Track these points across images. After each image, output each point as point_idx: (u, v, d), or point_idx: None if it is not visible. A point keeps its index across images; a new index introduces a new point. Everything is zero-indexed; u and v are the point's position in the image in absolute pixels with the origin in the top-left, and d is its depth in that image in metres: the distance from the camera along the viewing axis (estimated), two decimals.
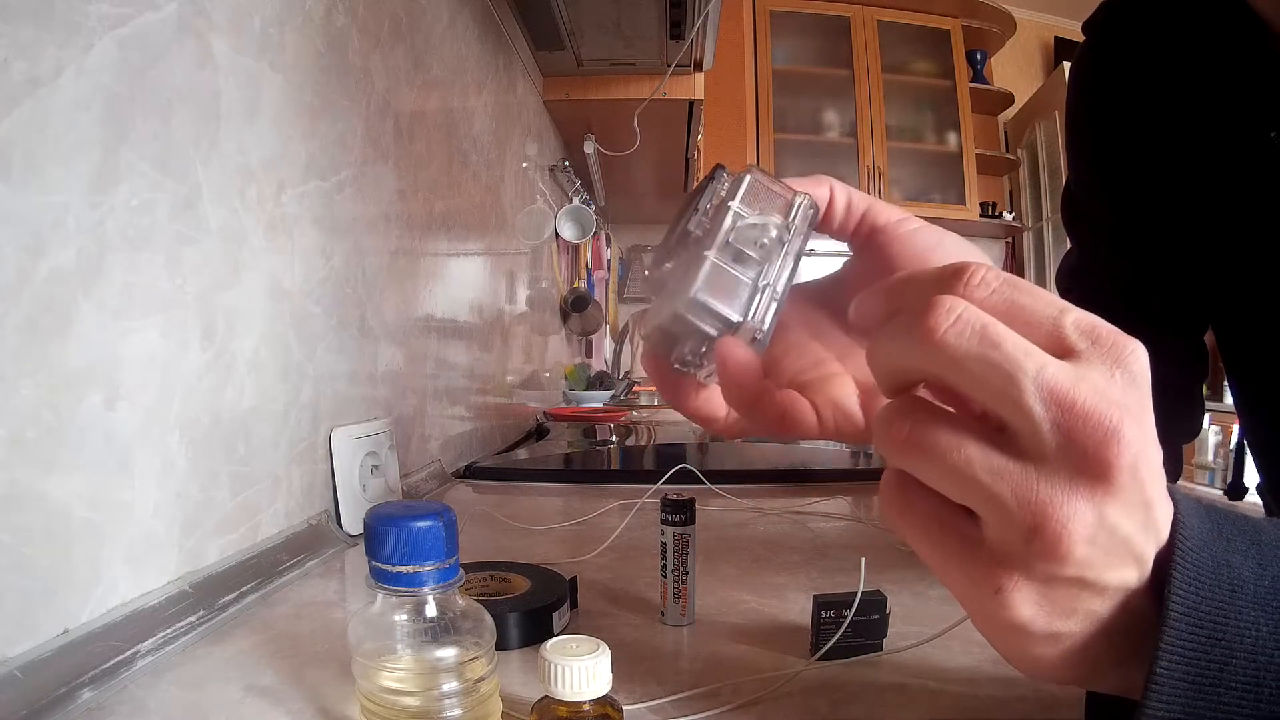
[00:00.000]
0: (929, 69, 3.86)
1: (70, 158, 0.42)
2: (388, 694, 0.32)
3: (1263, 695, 0.23)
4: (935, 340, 0.22)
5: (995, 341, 0.22)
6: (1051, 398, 0.22)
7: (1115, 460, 0.21)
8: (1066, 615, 0.24)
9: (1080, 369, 0.22)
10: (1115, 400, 0.22)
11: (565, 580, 0.52)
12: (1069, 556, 0.22)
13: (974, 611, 0.25)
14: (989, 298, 0.23)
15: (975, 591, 0.24)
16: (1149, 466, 0.22)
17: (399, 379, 0.90)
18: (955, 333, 0.22)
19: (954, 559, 0.24)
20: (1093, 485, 0.22)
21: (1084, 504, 0.22)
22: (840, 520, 0.82)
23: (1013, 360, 0.22)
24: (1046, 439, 0.22)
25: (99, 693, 0.40)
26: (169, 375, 0.50)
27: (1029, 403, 0.22)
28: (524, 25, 1.47)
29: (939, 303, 0.23)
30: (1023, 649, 0.25)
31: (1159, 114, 0.61)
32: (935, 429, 0.23)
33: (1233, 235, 0.59)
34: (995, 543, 0.23)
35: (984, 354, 0.22)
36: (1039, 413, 0.22)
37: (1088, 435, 0.21)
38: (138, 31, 0.47)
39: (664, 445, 1.47)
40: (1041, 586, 0.23)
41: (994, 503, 0.22)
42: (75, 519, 0.42)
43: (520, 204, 1.61)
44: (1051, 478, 0.22)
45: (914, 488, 0.25)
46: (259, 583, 0.56)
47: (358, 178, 0.78)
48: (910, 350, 0.23)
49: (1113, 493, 0.22)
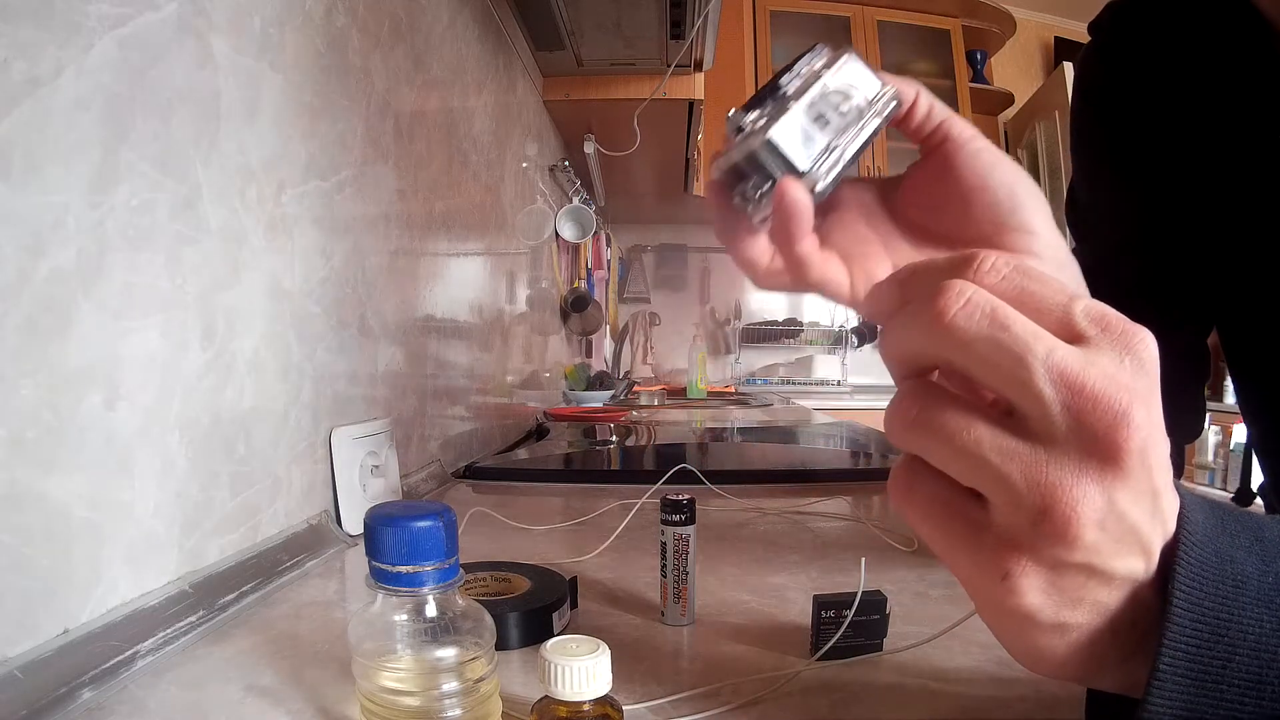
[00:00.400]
0: (929, 69, 3.86)
1: (70, 158, 0.42)
2: (388, 694, 0.32)
3: (1265, 693, 0.23)
4: (945, 323, 0.23)
5: (1005, 324, 0.22)
6: (1061, 380, 0.22)
7: (1125, 443, 0.21)
8: (1073, 605, 0.23)
9: (1090, 354, 0.22)
10: (1125, 384, 0.22)
11: (565, 580, 0.52)
12: (1078, 540, 0.22)
13: (981, 600, 0.25)
14: (999, 283, 0.23)
15: (983, 577, 0.24)
16: (1157, 454, 0.22)
17: (399, 379, 0.90)
18: (965, 315, 0.22)
19: (961, 543, 0.24)
20: (1102, 468, 0.22)
21: (1093, 487, 0.22)
22: (840, 520, 0.82)
23: (1022, 343, 0.22)
24: (1056, 421, 0.22)
25: (99, 693, 0.40)
26: (169, 375, 0.50)
27: (1039, 385, 0.22)
28: (524, 25, 1.47)
29: (949, 286, 0.23)
30: (1029, 640, 0.25)
31: (1164, 115, 0.61)
32: (944, 410, 0.23)
33: (1238, 236, 0.59)
34: (1003, 526, 0.23)
35: (993, 336, 0.22)
36: (1049, 395, 0.22)
37: (1098, 418, 0.21)
38: (138, 31, 0.47)
39: (664, 445, 1.48)
40: (1049, 573, 0.23)
41: (1003, 484, 0.22)
42: (75, 519, 0.42)
43: (520, 204, 1.61)
44: (1061, 460, 0.22)
45: (922, 473, 0.25)
46: (259, 583, 0.56)
47: (358, 178, 0.78)
48: (921, 335, 0.24)
49: (1121, 477, 0.22)
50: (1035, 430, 0.22)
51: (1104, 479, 0.22)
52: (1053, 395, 0.22)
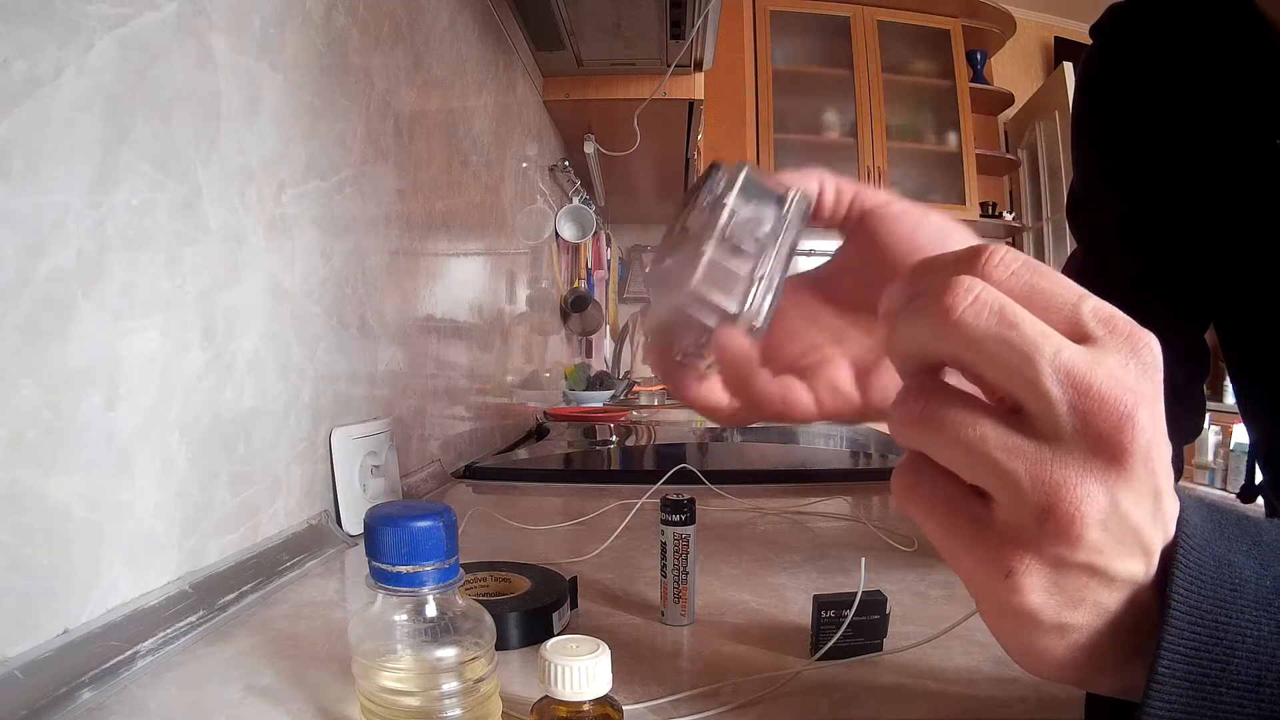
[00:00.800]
0: (929, 69, 3.86)
1: (70, 158, 0.42)
2: (388, 694, 0.32)
3: (1264, 695, 0.23)
4: (953, 320, 0.22)
5: (1013, 322, 0.22)
6: (1068, 379, 0.22)
7: (1129, 445, 0.21)
8: (1075, 605, 0.24)
9: (1096, 354, 0.22)
10: (1130, 386, 0.22)
11: (565, 580, 0.52)
12: (1081, 539, 0.22)
13: (983, 599, 0.25)
14: (1008, 279, 0.23)
15: (986, 575, 0.24)
16: (1160, 456, 0.22)
17: (399, 379, 0.90)
18: (973, 312, 0.22)
19: (965, 540, 0.24)
20: (1106, 468, 0.22)
21: (1097, 486, 0.22)
22: (840, 520, 0.82)
23: (1030, 341, 0.22)
24: (1062, 420, 0.22)
25: (99, 693, 0.40)
26: (169, 375, 0.50)
27: (1045, 383, 0.22)
28: (524, 25, 1.47)
29: (957, 283, 0.23)
30: (1029, 641, 0.25)
31: (1165, 116, 0.61)
32: (950, 406, 0.23)
33: (1239, 237, 0.59)
34: (1006, 524, 0.23)
35: (1001, 334, 0.22)
36: (1055, 394, 0.22)
37: (1103, 418, 0.21)
38: (138, 31, 0.47)
39: (664, 445, 1.48)
40: (1052, 571, 0.23)
41: (1008, 481, 0.22)
42: (75, 519, 0.42)
43: (520, 204, 1.61)
44: (1066, 459, 0.22)
45: (926, 470, 0.25)
46: (259, 583, 0.56)
47: (358, 178, 0.78)
48: (928, 331, 0.24)
49: (1125, 477, 0.22)
50: (1041, 429, 0.22)
51: (1108, 479, 0.22)
52: (1059, 394, 0.22)
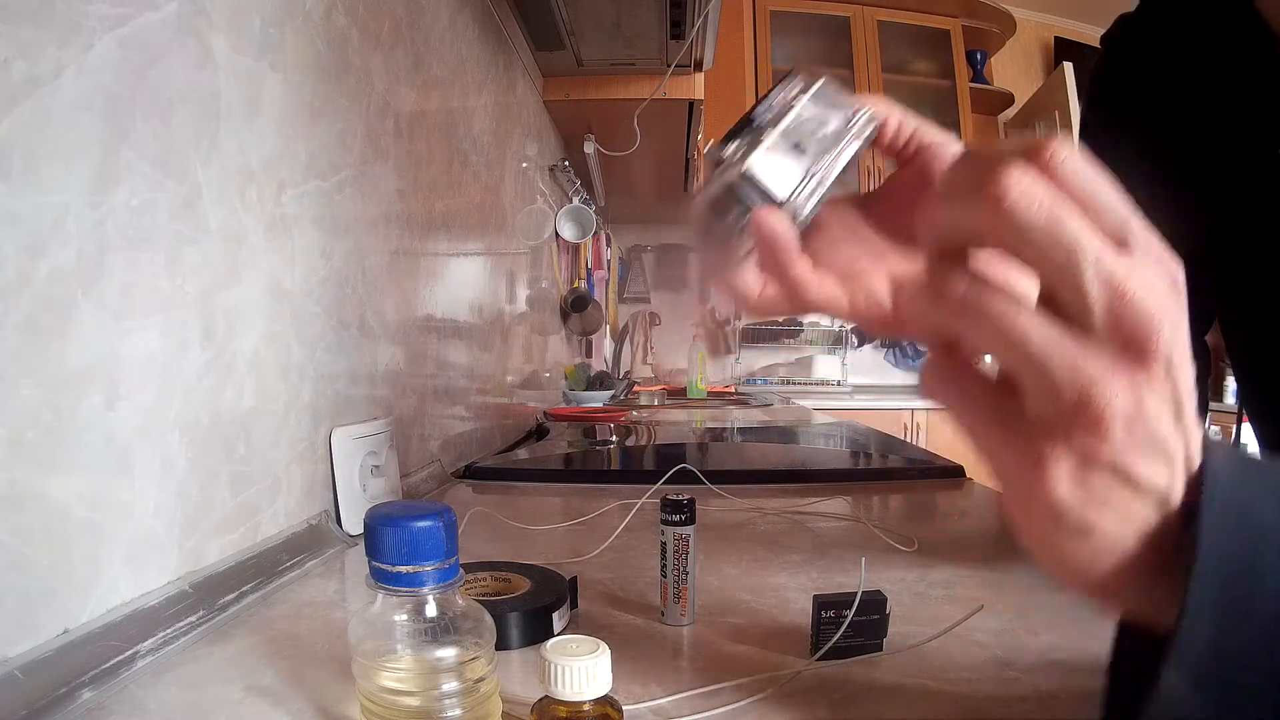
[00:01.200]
0: (929, 69, 3.86)
1: (70, 158, 0.42)
2: (388, 694, 0.32)
3: None
4: (1005, 205, 0.23)
5: (1061, 217, 0.23)
6: (1108, 282, 0.22)
7: (1155, 349, 0.23)
8: (1099, 506, 0.24)
9: (1133, 264, 0.23)
10: (1160, 299, 0.23)
11: (565, 580, 0.52)
12: (1109, 434, 0.23)
13: (1012, 491, 0.26)
14: (1068, 178, 0.23)
15: (1015, 462, 0.25)
16: (1182, 369, 0.23)
17: (399, 379, 0.90)
18: (1026, 201, 0.23)
19: (996, 427, 0.25)
20: (1132, 369, 0.23)
21: (1125, 385, 0.23)
22: (840, 520, 0.82)
23: (1077, 239, 0.23)
24: (1098, 320, 0.23)
25: (99, 693, 0.40)
26: (169, 375, 0.50)
27: (1087, 282, 0.22)
28: (524, 25, 1.47)
29: (1013, 170, 0.23)
30: (1053, 542, 0.25)
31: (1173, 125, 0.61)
32: (995, 291, 0.24)
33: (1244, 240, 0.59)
34: (1038, 416, 0.24)
35: (1050, 227, 0.23)
36: (1094, 293, 0.23)
37: (1135, 323, 0.22)
38: (138, 31, 0.47)
39: (664, 445, 1.48)
40: (1080, 465, 0.24)
41: (1043, 369, 0.23)
42: (75, 519, 0.42)
43: (520, 204, 1.61)
44: (1098, 356, 0.23)
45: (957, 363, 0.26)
46: (259, 583, 0.56)
47: (358, 178, 0.78)
48: (977, 212, 0.24)
49: (1149, 380, 0.23)
50: (1076, 325, 0.23)
51: (1134, 378, 0.23)
52: (1098, 294, 0.22)
